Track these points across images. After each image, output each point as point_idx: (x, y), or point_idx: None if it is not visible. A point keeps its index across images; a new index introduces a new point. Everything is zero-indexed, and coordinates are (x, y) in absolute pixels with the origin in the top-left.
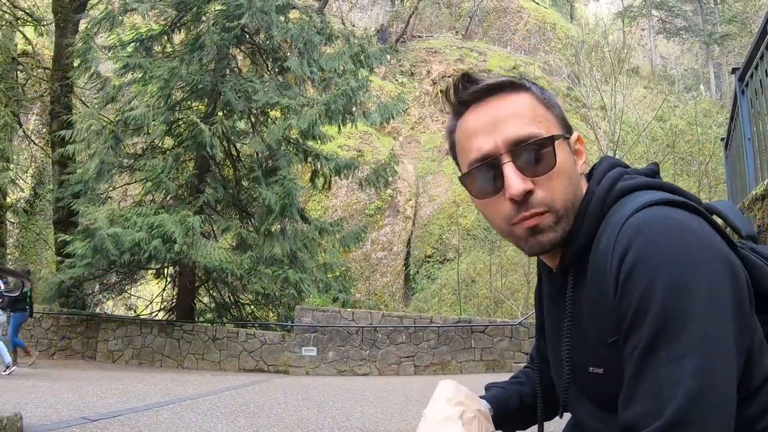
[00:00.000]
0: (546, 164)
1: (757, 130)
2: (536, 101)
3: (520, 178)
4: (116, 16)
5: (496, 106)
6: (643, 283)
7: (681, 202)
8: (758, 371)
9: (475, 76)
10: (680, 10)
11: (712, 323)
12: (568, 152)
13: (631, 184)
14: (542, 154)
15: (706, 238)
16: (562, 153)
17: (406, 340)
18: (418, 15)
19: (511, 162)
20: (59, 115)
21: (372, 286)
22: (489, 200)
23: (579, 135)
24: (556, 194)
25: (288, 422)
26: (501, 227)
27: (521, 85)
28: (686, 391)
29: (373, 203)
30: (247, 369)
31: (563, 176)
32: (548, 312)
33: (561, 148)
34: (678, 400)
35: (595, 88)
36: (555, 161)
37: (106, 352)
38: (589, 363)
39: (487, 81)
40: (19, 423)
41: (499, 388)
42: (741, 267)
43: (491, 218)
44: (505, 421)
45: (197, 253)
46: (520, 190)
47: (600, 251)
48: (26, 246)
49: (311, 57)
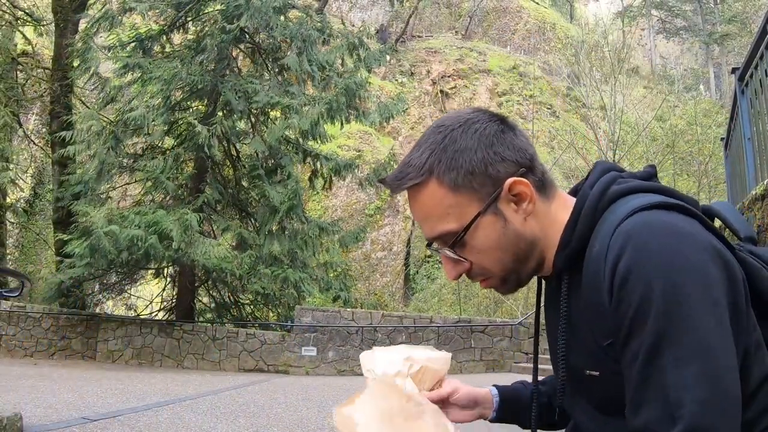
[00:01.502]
0: (467, 251)
1: (757, 130)
2: (443, 190)
3: (451, 265)
4: (115, 16)
5: (413, 204)
6: (639, 288)
7: (673, 205)
8: (756, 373)
9: (388, 183)
10: (680, 10)
11: (711, 325)
12: (491, 224)
13: (623, 188)
14: (458, 248)
15: (700, 240)
16: (482, 233)
17: (406, 340)
18: (417, 15)
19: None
20: (59, 116)
21: (372, 286)
22: None
23: (514, 180)
24: (488, 269)
25: (288, 422)
26: None
27: (423, 182)
28: (697, 396)
29: (372, 203)
30: (247, 369)
31: (489, 253)
32: (546, 315)
33: (480, 228)
34: (690, 405)
35: (595, 88)
36: (470, 251)
37: (106, 352)
38: (586, 366)
39: (398, 187)
40: (19, 423)
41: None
42: (738, 267)
43: None
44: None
45: (196, 251)
46: (453, 278)
47: (593, 256)
48: (26, 246)
49: (311, 55)
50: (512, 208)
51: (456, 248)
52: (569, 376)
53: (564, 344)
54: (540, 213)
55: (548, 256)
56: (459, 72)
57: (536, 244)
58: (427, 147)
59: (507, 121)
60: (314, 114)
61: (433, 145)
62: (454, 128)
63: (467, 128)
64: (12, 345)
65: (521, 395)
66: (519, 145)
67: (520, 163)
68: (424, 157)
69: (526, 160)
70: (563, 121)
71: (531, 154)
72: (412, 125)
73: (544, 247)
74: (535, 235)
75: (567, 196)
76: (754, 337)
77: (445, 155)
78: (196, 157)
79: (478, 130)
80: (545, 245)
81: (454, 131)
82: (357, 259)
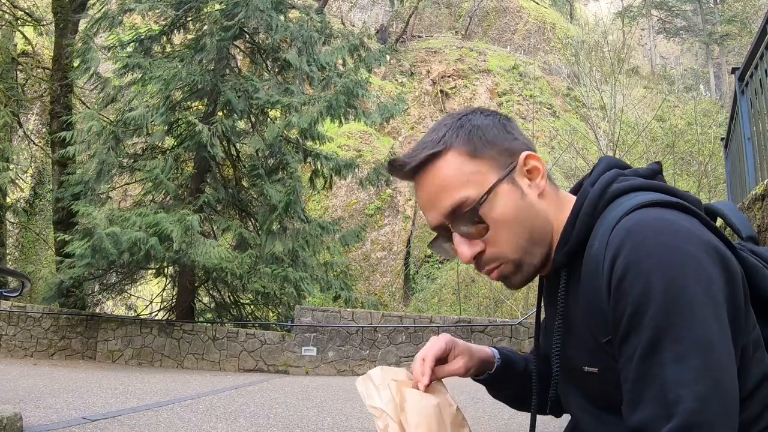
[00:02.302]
0: (482, 227)
1: (757, 130)
2: (461, 158)
3: (466, 245)
4: (115, 16)
5: (426, 181)
6: (638, 285)
7: (673, 203)
8: (755, 371)
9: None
10: (680, 10)
11: (710, 322)
12: (509, 192)
13: (624, 186)
14: (475, 219)
15: (699, 238)
16: (500, 201)
17: (406, 340)
18: (417, 15)
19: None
20: (59, 116)
21: (372, 286)
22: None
23: (528, 153)
24: (504, 245)
25: (288, 422)
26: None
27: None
28: (694, 393)
29: (372, 203)
30: (247, 369)
31: (506, 226)
32: (545, 311)
33: (498, 196)
34: (687, 402)
35: (595, 88)
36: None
37: (106, 352)
38: (584, 362)
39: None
40: (19, 423)
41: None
42: (737, 266)
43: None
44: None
45: (196, 251)
46: (467, 258)
47: (592, 253)
48: (26, 246)
49: (311, 55)
50: (526, 182)
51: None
52: (567, 373)
53: (559, 339)
54: (550, 196)
55: (553, 248)
56: (459, 72)
57: (549, 225)
58: (441, 127)
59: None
60: (314, 112)
61: (448, 125)
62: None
63: (478, 114)
64: (12, 345)
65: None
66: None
67: (529, 147)
68: (440, 134)
69: (533, 148)
70: (563, 121)
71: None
72: (412, 125)
73: (554, 234)
74: (548, 215)
75: (568, 195)
76: (753, 336)
77: (462, 130)
78: (197, 157)
79: (489, 115)
80: (555, 231)
81: (467, 115)
82: (357, 259)
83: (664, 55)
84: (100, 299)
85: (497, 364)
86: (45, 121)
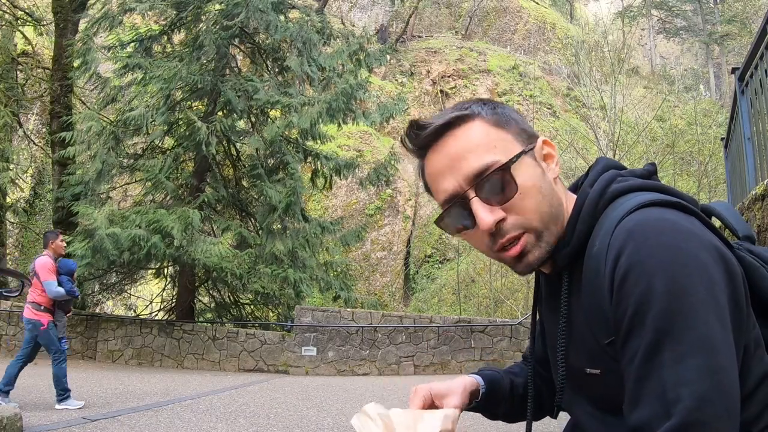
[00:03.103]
0: (510, 189)
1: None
2: (488, 126)
3: (488, 211)
4: (115, 16)
5: (450, 144)
6: (640, 285)
7: (673, 203)
8: (755, 371)
9: (423, 122)
10: (680, 10)
11: (712, 323)
12: (533, 165)
13: (623, 186)
14: (504, 180)
15: (700, 238)
16: (525, 171)
17: (405, 340)
18: (417, 15)
19: (477, 197)
20: (59, 116)
21: (372, 285)
22: (468, 234)
23: (545, 139)
24: (529, 213)
25: (288, 422)
26: (487, 254)
27: (469, 115)
28: (694, 392)
29: (372, 203)
30: (247, 369)
31: (532, 193)
32: (545, 313)
33: (524, 166)
34: (687, 401)
35: (595, 88)
36: (517, 184)
37: (106, 352)
38: (586, 364)
39: (435, 123)
40: (19, 423)
41: (492, 371)
42: (737, 265)
43: (476, 247)
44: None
45: (196, 249)
46: (490, 223)
47: (594, 254)
48: (26, 246)
49: (311, 56)
50: (544, 164)
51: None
52: (569, 376)
53: (564, 343)
54: (561, 185)
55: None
56: (459, 72)
57: (562, 207)
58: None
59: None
60: (314, 113)
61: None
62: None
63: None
64: (12, 345)
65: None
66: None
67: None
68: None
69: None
70: (563, 121)
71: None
72: None
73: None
74: (561, 200)
75: (570, 194)
76: (753, 336)
77: (486, 106)
78: (196, 157)
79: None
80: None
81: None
82: (357, 259)
83: (664, 55)
84: (100, 299)
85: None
86: (45, 121)
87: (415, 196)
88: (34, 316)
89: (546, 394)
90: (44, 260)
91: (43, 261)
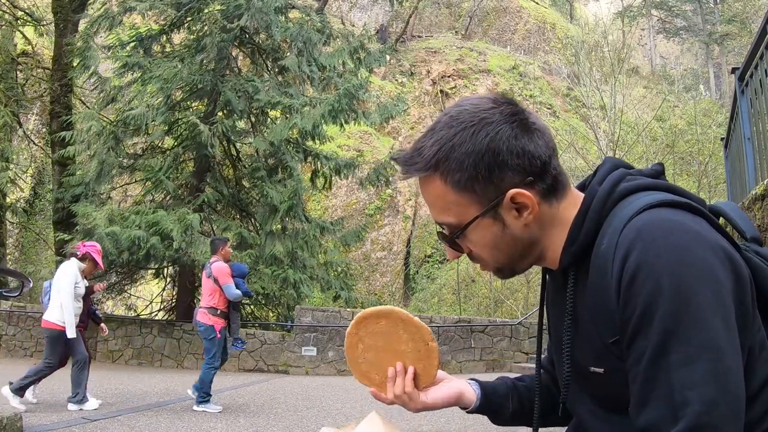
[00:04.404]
0: (464, 248)
1: (757, 130)
2: (445, 188)
3: (450, 250)
4: (115, 15)
5: (421, 189)
6: (648, 286)
7: (682, 203)
8: (760, 373)
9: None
10: (680, 10)
11: (719, 325)
12: (489, 226)
13: (632, 185)
14: (454, 242)
15: (707, 239)
16: (479, 232)
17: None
18: (417, 15)
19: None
20: (59, 115)
21: (372, 286)
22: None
23: (516, 192)
24: (488, 260)
25: (288, 422)
26: None
27: (429, 174)
28: (702, 396)
29: (372, 203)
30: (247, 369)
31: (485, 251)
32: (551, 311)
33: (478, 228)
34: (695, 404)
35: (595, 88)
36: (470, 245)
37: (106, 352)
38: (590, 362)
39: (402, 171)
40: (19, 423)
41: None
42: (744, 266)
43: None
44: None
45: (196, 251)
46: (452, 258)
47: (601, 253)
48: (26, 246)
49: (311, 56)
50: (513, 215)
51: (456, 237)
52: (573, 373)
53: (569, 341)
54: (544, 217)
55: (549, 253)
56: (459, 72)
57: (535, 245)
58: (437, 140)
59: (526, 121)
60: (316, 114)
61: (443, 141)
62: (467, 127)
63: (480, 129)
64: (12, 345)
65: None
66: (531, 152)
67: (528, 171)
68: (433, 150)
69: (536, 168)
70: (563, 121)
71: (543, 160)
72: (412, 125)
73: (545, 246)
74: (534, 237)
75: (577, 193)
76: (758, 338)
77: (453, 154)
78: (196, 157)
79: (490, 134)
80: (546, 245)
81: (465, 130)
82: (357, 259)
83: (664, 55)
84: (100, 299)
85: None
86: (45, 121)
87: (415, 196)
88: (209, 321)
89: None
90: (221, 265)
91: (221, 266)
